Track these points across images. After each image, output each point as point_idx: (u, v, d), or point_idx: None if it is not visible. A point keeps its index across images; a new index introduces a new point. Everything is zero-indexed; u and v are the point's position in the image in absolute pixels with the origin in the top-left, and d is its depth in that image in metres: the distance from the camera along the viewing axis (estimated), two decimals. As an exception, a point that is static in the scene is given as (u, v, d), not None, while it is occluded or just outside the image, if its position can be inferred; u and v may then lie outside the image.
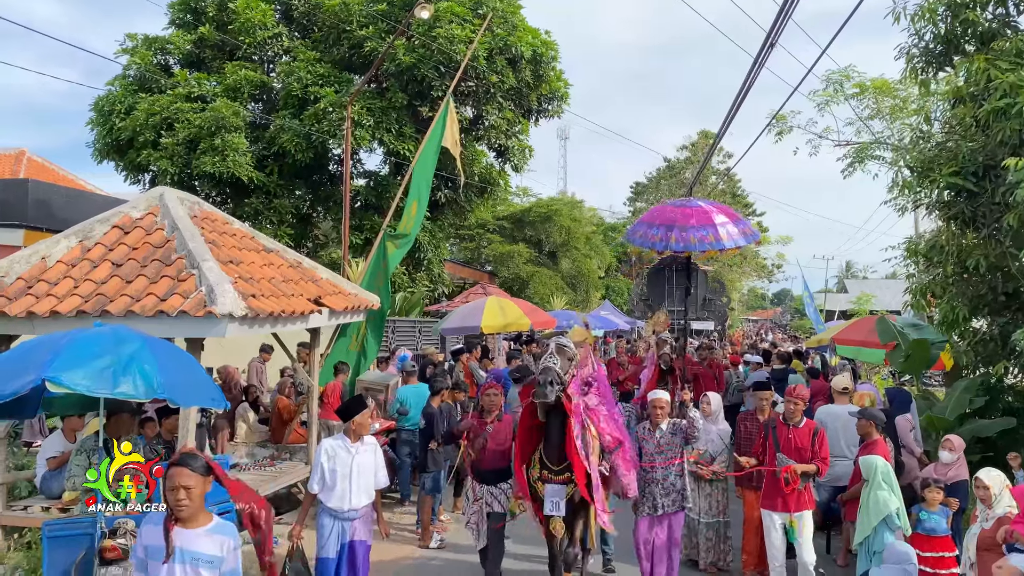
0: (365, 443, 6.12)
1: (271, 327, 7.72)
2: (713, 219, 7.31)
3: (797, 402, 6.86)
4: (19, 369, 4.92)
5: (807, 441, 6.74)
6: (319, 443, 9.27)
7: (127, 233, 7.96)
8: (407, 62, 17.84)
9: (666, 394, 7.11)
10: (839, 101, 15.00)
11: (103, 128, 19.10)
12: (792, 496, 6.67)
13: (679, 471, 6.84)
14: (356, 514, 5.97)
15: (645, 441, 6.91)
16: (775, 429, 6.92)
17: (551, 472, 6.32)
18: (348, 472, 5.93)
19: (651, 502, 6.78)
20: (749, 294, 66.68)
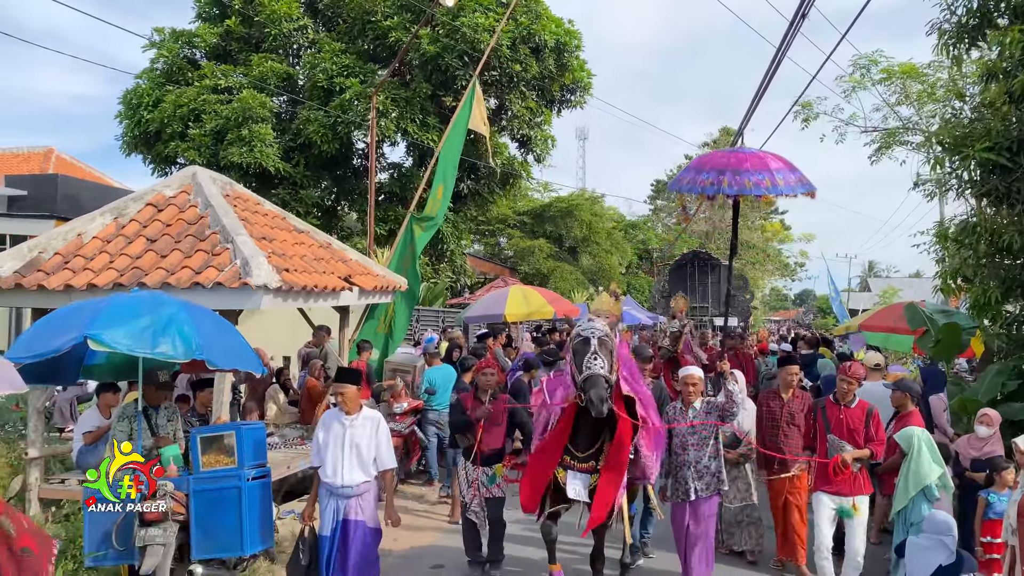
0: (363, 417, 5.65)
1: (303, 301, 7.78)
2: (769, 164, 6.79)
3: (851, 380, 6.43)
4: (62, 328, 5.02)
5: (860, 422, 6.32)
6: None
7: (161, 210, 8.06)
8: (431, 52, 17.92)
9: (699, 370, 6.62)
10: (866, 87, 14.91)
11: (131, 121, 19.36)
12: (847, 480, 6.24)
13: (714, 452, 6.29)
14: (351, 491, 5.54)
15: (676, 422, 6.39)
16: (824, 409, 6.50)
17: (574, 458, 5.87)
18: (341, 445, 5.53)
19: (683, 487, 6.27)
20: (771, 294, 66.15)
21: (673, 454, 6.36)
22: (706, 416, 6.29)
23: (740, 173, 6.58)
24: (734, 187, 6.60)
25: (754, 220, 49.65)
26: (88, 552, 5.46)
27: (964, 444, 7.18)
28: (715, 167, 6.76)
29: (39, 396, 7.81)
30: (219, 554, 5.65)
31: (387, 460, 5.68)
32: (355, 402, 5.61)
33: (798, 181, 6.83)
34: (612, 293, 7.02)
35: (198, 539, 5.50)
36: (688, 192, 7.12)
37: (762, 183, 6.59)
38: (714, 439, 6.29)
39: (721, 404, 6.24)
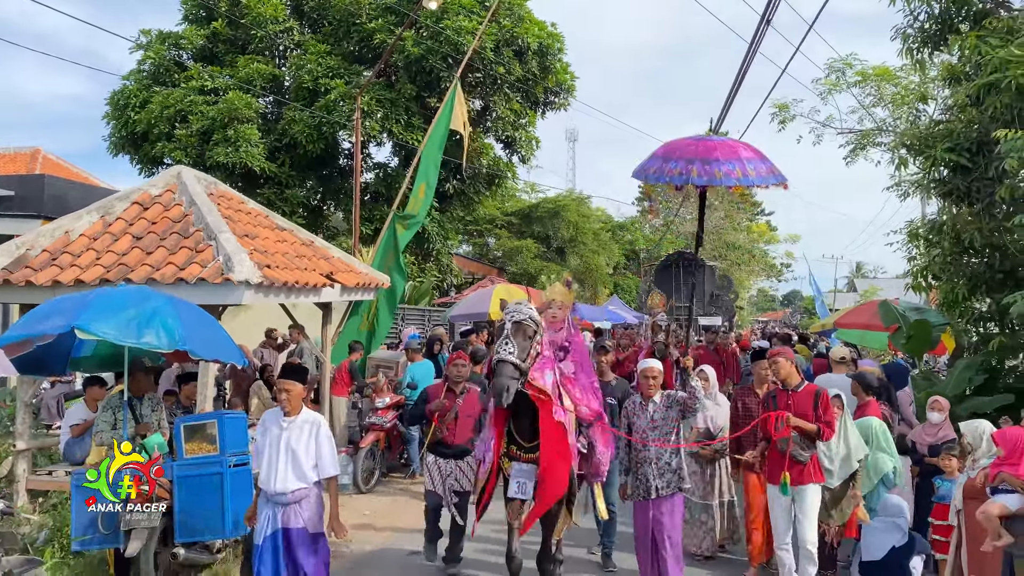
0: (302, 420, 5.26)
1: (285, 297, 7.99)
2: (740, 153, 6.50)
3: (777, 361, 6.28)
4: (50, 317, 5.23)
5: (809, 407, 6.07)
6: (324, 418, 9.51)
7: (146, 209, 8.25)
8: (416, 53, 18.16)
9: (657, 363, 6.26)
10: (841, 89, 15.21)
11: (119, 121, 19.51)
12: (795, 469, 5.99)
13: (674, 449, 6.01)
14: (286, 498, 5.15)
15: (636, 417, 6.09)
16: (775, 398, 6.28)
17: (520, 448, 5.59)
18: (276, 448, 5.17)
19: (643, 485, 5.98)
20: (759, 296, 66.54)
21: (633, 450, 6.09)
22: (666, 411, 6.01)
23: (710, 163, 6.25)
24: (703, 177, 6.24)
25: (740, 221, 50.12)
26: (75, 536, 5.67)
27: (920, 432, 7.44)
28: (684, 156, 6.40)
29: (27, 389, 8.00)
30: (202, 537, 5.86)
31: (329, 467, 5.26)
32: (298, 403, 5.26)
33: (769, 172, 6.55)
34: (566, 282, 6.41)
35: (181, 523, 5.71)
36: (655, 182, 6.72)
37: (732, 173, 6.25)
38: (675, 435, 6.02)
39: (682, 399, 6.00)
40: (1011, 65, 7.29)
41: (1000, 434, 5.11)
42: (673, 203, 46.44)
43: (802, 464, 6.02)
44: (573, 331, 6.13)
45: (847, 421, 6.23)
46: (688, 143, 6.60)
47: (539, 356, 5.39)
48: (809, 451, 6.05)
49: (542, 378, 5.35)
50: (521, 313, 5.34)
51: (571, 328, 6.12)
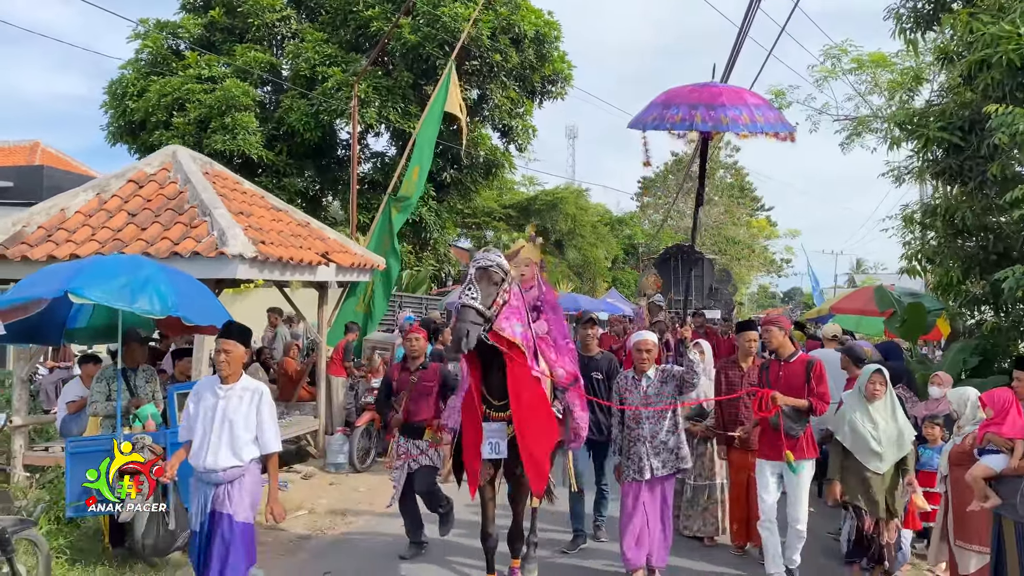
0: (242, 387, 4.72)
1: (280, 273, 8.03)
2: (746, 99, 6.08)
3: (769, 328, 6.00)
4: (44, 282, 5.27)
5: (800, 379, 5.82)
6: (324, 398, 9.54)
7: (142, 187, 8.31)
8: (412, 41, 18.18)
9: (652, 335, 5.93)
10: (837, 76, 15.27)
11: (116, 110, 19.53)
12: (788, 444, 5.73)
13: (671, 426, 5.67)
14: (219, 477, 4.63)
15: (628, 392, 5.75)
16: (767, 369, 6.05)
17: (490, 407, 5.26)
18: (210, 419, 4.65)
19: (636, 464, 5.64)
20: (759, 292, 66.45)
21: (626, 428, 5.76)
22: (661, 386, 5.67)
23: (715, 107, 5.80)
24: (708, 122, 5.80)
25: (740, 216, 50.17)
26: (70, 502, 5.71)
27: (921, 408, 7.50)
28: (687, 101, 5.94)
29: (23, 366, 8.05)
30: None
31: (271, 441, 4.77)
32: (238, 367, 4.73)
33: (778, 119, 6.13)
34: (531, 237, 6.00)
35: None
36: (653, 129, 6.16)
37: (740, 119, 5.80)
38: (673, 412, 5.70)
39: (679, 373, 5.62)
40: (1002, 41, 7.32)
41: (988, 395, 5.14)
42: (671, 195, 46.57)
43: (794, 439, 5.79)
44: (545, 289, 5.88)
45: (892, 397, 5.64)
46: (690, 89, 6.15)
47: (506, 305, 5.05)
48: (802, 425, 5.84)
49: (510, 328, 5.02)
50: (488, 259, 5.06)
51: (542, 286, 5.86)
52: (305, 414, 10.07)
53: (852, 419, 5.58)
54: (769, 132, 5.89)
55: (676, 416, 5.73)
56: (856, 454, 5.51)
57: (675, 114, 5.85)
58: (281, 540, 6.89)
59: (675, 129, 5.92)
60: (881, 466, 5.50)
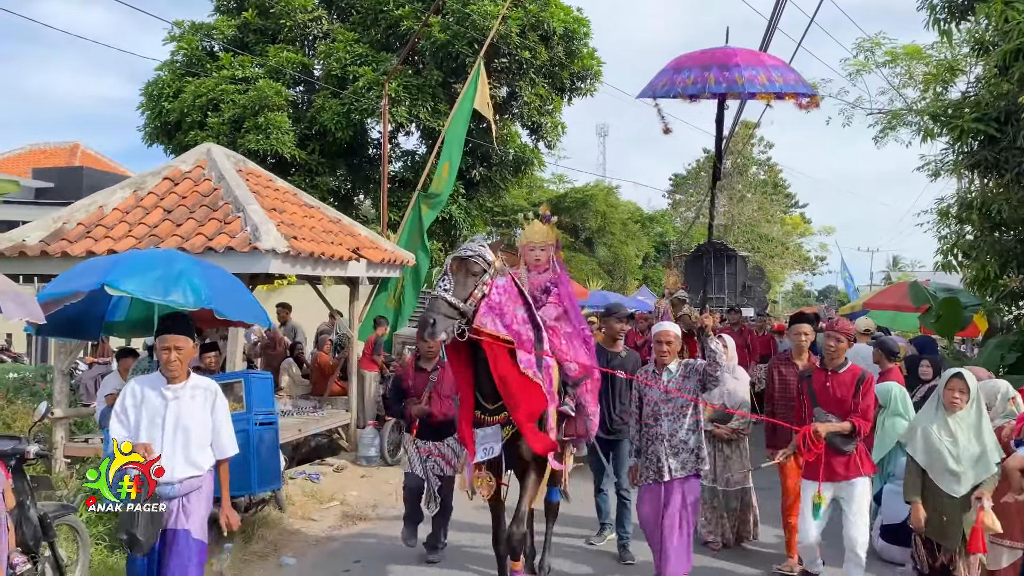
0: (192, 386, 4.29)
1: (312, 268, 8.16)
2: (763, 60, 5.70)
3: (839, 337, 5.42)
4: (82, 275, 5.41)
5: (849, 391, 5.29)
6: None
7: (177, 184, 8.49)
8: (442, 39, 18.26)
9: (674, 326, 5.47)
10: (870, 69, 15.05)
11: (153, 111, 19.87)
12: (839, 461, 5.25)
13: (692, 425, 5.27)
14: (174, 490, 4.14)
15: (648, 388, 5.35)
16: (810, 378, 5.51)
17: (484, 412, 4.92)
18: (160, 426, 4.16)
19: (655, 465, 5.24)
20: (794, 290, 65.78)
21: (644, 426, 5.37)
22: (683, 381, 5.26)
23: (729, 68, 5.41)
24: (722, 84, 5.43)
25: (773, 213, 49.68)
26: (107, 492, 5.85)
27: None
28: (698, 64, 5.58)
29: (63, 359, 8.26)
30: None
31: (228, 445, 4.40)
32: (185, 365, 4.30)
33: (797, 81, 5.74)
34: (544, 217, 5.52)
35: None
36: (664, 97, 5.79)
37: (756, 79, 5.41)
38: (693, 409, 5.28)
39: (702, 367, 5.21)
40: (1038, 30, 7.19)
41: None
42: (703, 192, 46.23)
43: (846, 456, 5.31)
44: (559, 270, 5.51)
45: (980, 410, 4.99)
46: (703, 52, 5.75)
47: (484, 299, 4.65)
48: (853, 442, 5.33)
49: (493, 324, 4.65)
50: (469, 249, 4.70)
51: (556, 268, 5.50)
52: (337, 408, 10.21)
53: (927, 431, 4.96)
54: (789, 93, 5.55)
55: (697, 413, 5.32)
56: (929, 472, 4.91)
57: (686, 78, 5.53)
58: (313, 530, 7.00)
59: (687, 93, 5.58)
60: (959, 489, 4.81)
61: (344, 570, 6.08)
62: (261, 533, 6.50)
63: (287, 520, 6.97)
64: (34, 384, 11.01)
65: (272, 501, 6.89)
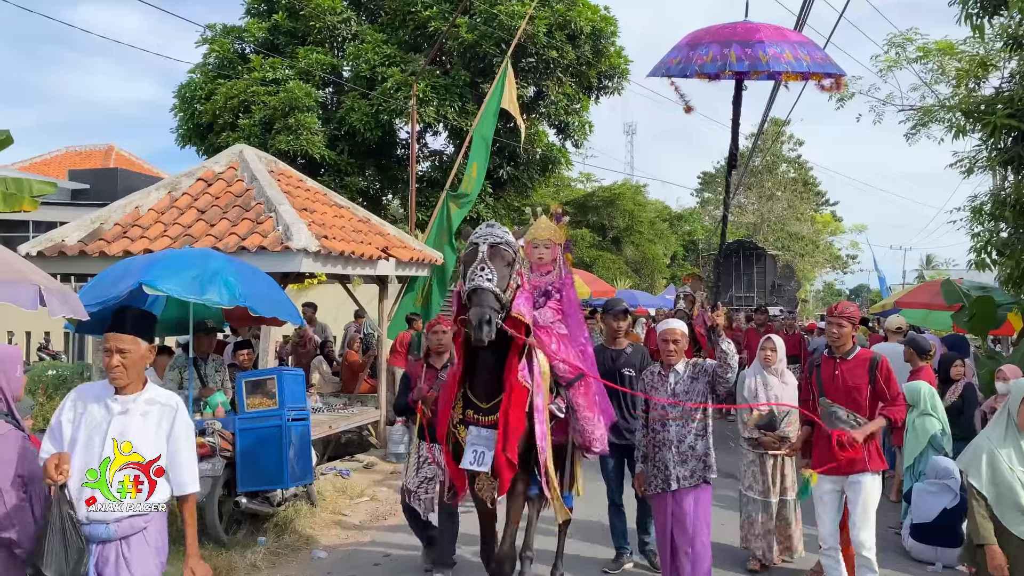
0: (146, 401, 3.39)
1: (342, 267, 8.26)
2: (788, 35, 5.21)
3: (841, 322, 4.95)
4: (121, 277, 5.56)
5: (862, 378, 4.87)
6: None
7: (210, 185, 8.64)
8: (469, 40, 18.38)
9: (680, 324, 5.09)
10: (901, 66, 14.87)
11: (185, 113, 20.22)
12: (847, 454, 4.78)
13: (701, 430, 4.91)
14: (107, 531, 3.27)
15: (654, 390, 5.02)
16: (818, 367, 5.12)
17: (477, 411, 4.40)
18: (98, 445, 3.29)
19: (662, 473, 4.92)
20: (824, 289, 65.10)
21: (651, 431, 5.03)
22: (691, 383, 4.91)
23: (752, 44, 4.97)
24: (745, 60, 4.96)
25: (804, 211, 49.19)
26: (145, 485, 6.00)
27: (989, 403, 7.33)
28: (717, 39, 5.12)
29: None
30: (263, 487, 6.15)
31: (188, 480, 3.43)
32: (138, 373, 3.40)
33: (825, 60, 5.30)
34: (555, 214, 5.22)
35: (243, 473, 6.01)
36: (679, 76, 5.30)
37: (782, 56, 4.96)
38: (702, 412, 4.93)
39: (711, 368, 4.87)
40: (1073, 25, 7.08)
41: None
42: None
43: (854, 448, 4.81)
44: (564, 274, 5.14)
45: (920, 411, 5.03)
46: (722, 26, 5.29)
47: (519, 289, 4.29)
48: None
49: (528, 315, 4.31)
50: (495, 235, 4.21)
51: (562, 270, 5.13)
52: (366, 405, 10.32)
53: (994, 457, 4.14)
54: (817, 73, 5.12)
55: (706, 418, 4.95)
56: (994, 507, 4.10)
57: (704, 55, 5.06)
58: (344, 525, 7.10)
59: (705, 71, 5.07)
60: None
61: (374, 564, 6.16)
62: (293, 527, 6.60)
63: (318, 514, 7.07)
64: (72, 381, 11.25)
65: (304, 496, 7.01)
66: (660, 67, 5.35)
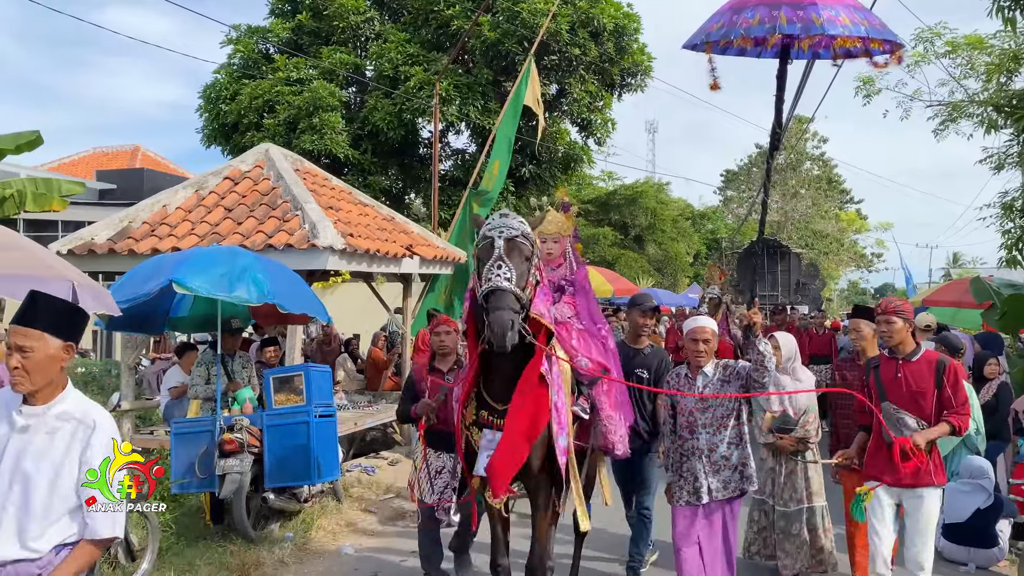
0: (60, 415, 2.75)
1: (367, 265, 8.30)
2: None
3: (891, 319, 4.46)
4: (151, 275, 5.61)
5: (928, 382, 4.39)
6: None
7: (237, 183, 8.71)
8: (492, 38, 18.41)
9: (710, 321, 4.69)
10: (929, 61, 14.66)
11: (211, 114, 20.42)
12: (907, 466, 4.29)
13: (735, 438, 4.49)
14: None
15: (680, 395, 4.58)
16: (877, 368, 4.62)
17: (492, 413, 4.08)
18: None
19: (692, 484, 4.49)
20: (849, 289, 64.46)
21: (678, 438, 4.62)
22: (722, 387, 4.46)
23: (803, 7, 4.58)
24: (796, 23, 4.56)
25: (828, 209, 48.74)
26: (174, 480, 6.07)
27: (1020, 402, 7.22)
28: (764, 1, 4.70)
29: (129, 353, 8.54)
30: (290, 483, 6.19)
31: (101, 523, 2.76)
32: (47, 375, 2.72)
33: (883, 27, 4.93)
34: (562, 205, 4.90)
35: (271, 469, 6.05)
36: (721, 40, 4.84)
37: (837, 20, 4.57)
38: (736, 418, 4.50)
39: (744, 370, 4.43)
40: (1108, 17, 6.94)
41: None
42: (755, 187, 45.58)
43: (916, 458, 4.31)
44: (576, 266, 4.86)
45: None
46: None
47: (539, 285, 3.96)
48: None
49: (548, 313, 3.97)
50: (511, 227, 3.82)
51: (573, 263, 4.85)
52: (391, 403, 10.34)
53: None
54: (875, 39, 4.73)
55: (741, 424, 4.52)
56: None
57: (750, 17, 4.67)
58: (370, 521, 7.13)
59: (751, 34, 4.68)
60: None
61: (401, 560, 6.17)
62: (320, 523, 6.64)
63: (345, 511, 7.11)
64: (101, 378, 11.40)
65: (330, 492, 7.04)
66: (699, 34, 4.96)
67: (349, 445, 9.47)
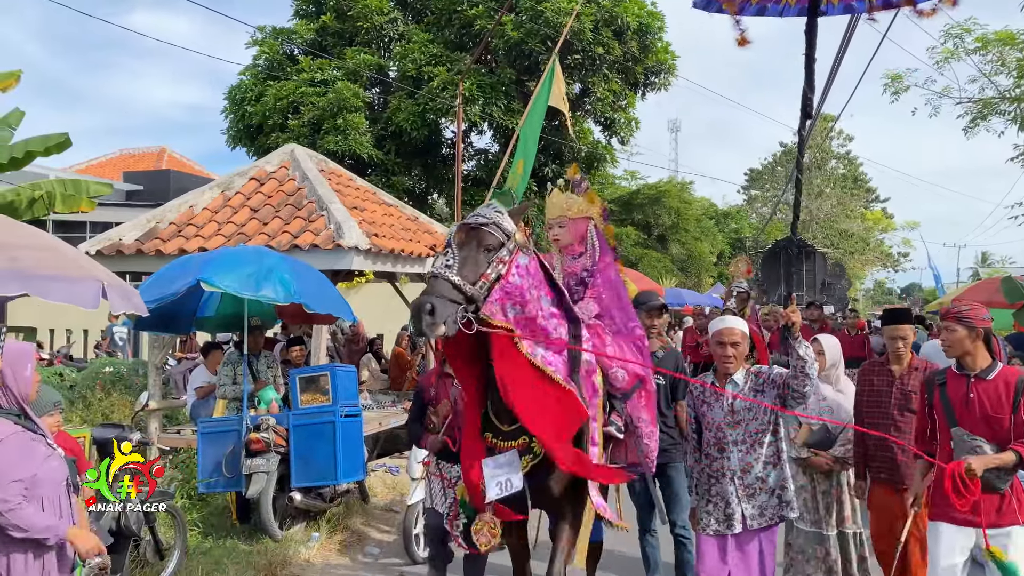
0: None
1: (392, 265, 8.31)
2: None
3: (951, 326, 3.83)
4: (179, 275, 5.66)
5: (1005, 404, 3.72)
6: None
7: (263, 184, 8.76)
8: (515, 38, 18.38)
9: (739, 323, 4.07)
10: (959, 57, 14.48)
11: (236, 115, 20.57)
12: (986, 503, 3.63)
13: (772, 456, 3.93)
14: None
15: (706, 405, 4.01)
16: (943, 386, 3.92)
17: (498, 435, 3.70)
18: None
19: (723, 511, 3.92)
20: (875, 288, 63.69)
21: (705, 456, 4.03)
22: (755, 396, 3.89)
23: None
24: None
25: (854, 208, 48.23)
26: (201, 479, 6.11)
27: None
28: None
29: (156, 353, 8.61)
30: (316, 482, 6.20)
31: None
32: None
33: None
34: (572, 182, 4.33)
35: (297, 469, 6.07)
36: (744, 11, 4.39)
37: None
38: (772, 434, 3.93)
39: (781, 378, 3.84)
40: None
41: None
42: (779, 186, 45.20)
43: (997, 494, 3.70)
44: (601, 254, 4.23)
45: None
46: None
47: (500, 281, 3.41)
48: (1010, 473, 3.72)
49: (500, 312, 3.42)
50: (481, 216, 3.48)
51: (596, 250, 4.22)
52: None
53: None
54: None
55: (778, 441, 3.96)
56: None
57: None
58: (395, 521, 7.13)
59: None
60: None
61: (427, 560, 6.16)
62: (346, 523, 6.65)
63: (370, 510, 7.12)
64: (129, 378, 11.50)
65: (356, 491, 7.05)
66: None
67: (373, 445, 9.48)
